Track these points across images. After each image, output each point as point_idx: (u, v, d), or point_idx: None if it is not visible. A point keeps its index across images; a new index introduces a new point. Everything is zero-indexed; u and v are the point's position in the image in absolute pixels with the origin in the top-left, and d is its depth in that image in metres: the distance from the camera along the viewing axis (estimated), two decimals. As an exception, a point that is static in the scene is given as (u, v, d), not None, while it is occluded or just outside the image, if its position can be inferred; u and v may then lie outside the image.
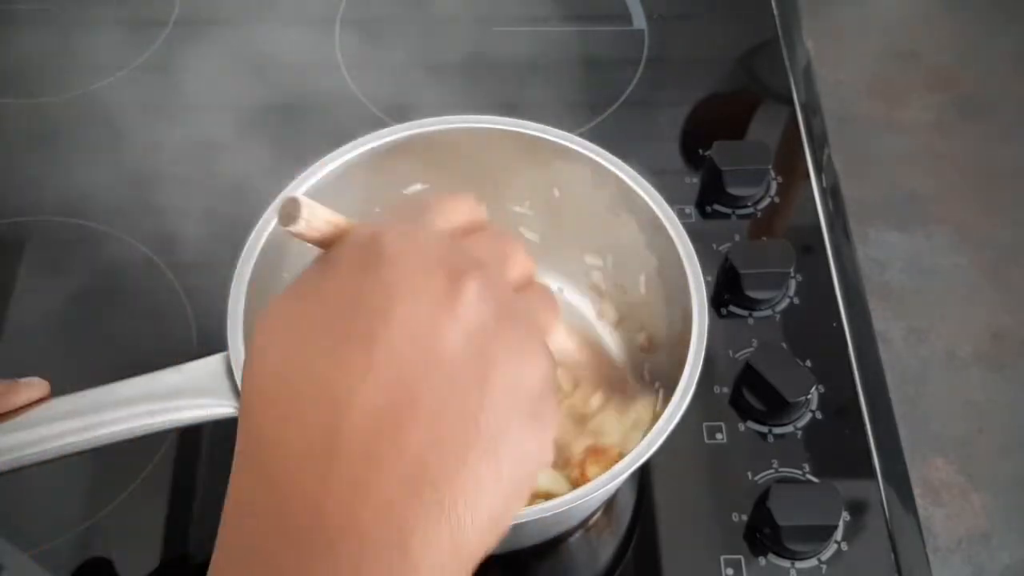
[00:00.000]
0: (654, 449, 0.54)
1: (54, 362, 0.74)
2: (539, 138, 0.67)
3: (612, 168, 0.65)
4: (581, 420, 0.65)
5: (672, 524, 0.66)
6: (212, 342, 0.59)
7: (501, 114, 0.67)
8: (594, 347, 0.68)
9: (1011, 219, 1.44)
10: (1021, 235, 1.43)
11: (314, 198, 0.64)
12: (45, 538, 0.66)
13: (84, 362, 0.74)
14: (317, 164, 0.65)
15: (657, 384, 0.66)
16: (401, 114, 0.69)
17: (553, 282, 0.75)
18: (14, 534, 0.66)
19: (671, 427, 0.55)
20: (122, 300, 0.77)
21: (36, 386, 0.53)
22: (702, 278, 0.61)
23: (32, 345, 0.75)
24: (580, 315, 0.73)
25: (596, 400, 0.65)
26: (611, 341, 0.72)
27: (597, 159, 0.66)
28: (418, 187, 0.70)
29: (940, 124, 1.52)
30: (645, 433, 0.55)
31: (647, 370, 0.68)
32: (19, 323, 0.76)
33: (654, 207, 0.64)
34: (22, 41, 0.93)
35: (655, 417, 0.56)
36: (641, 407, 0.64)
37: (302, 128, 0.86)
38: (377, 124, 0.69)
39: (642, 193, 0.64)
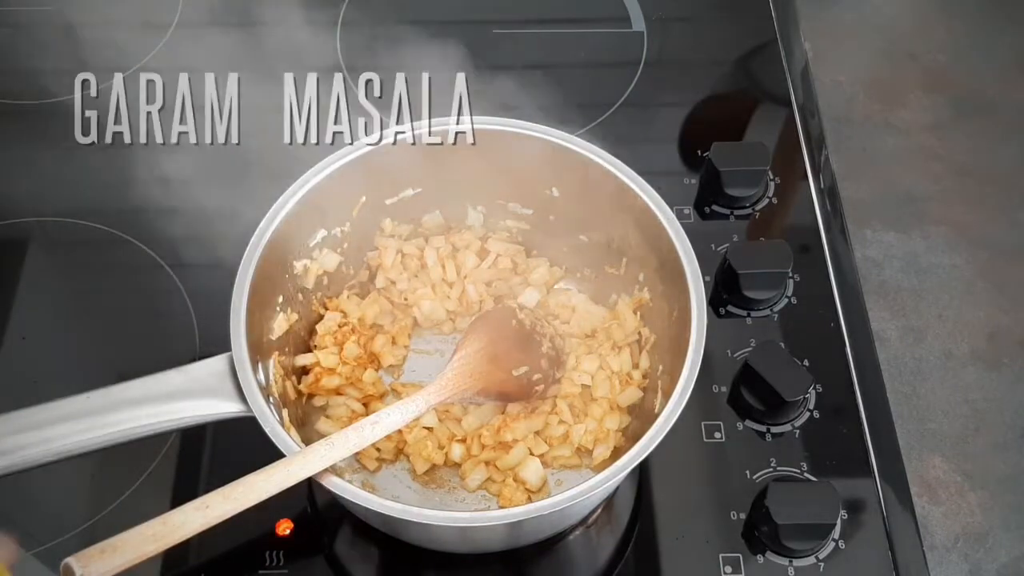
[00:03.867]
0: (653, 447, 0.55)
1: (58, 363, 0.75)
2: (538, 139, 0.67)
3: (611, 168, 0.66)
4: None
5: (671, 522, 0.67)
6: (215, 343, 0.60)
7: (501, 115, 0.68)
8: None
9: (1008, 219, 1.45)
10: (1018, 235, 1.43)
11: (317, 198, 0.66)
12: (48, 537, 0.66)
13: (88, 362, 0.74)
14: (319, 165, 0.66)
15: (658, 383, 0.67)
16: (402, 115, 0.69)
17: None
18: (17, 533, 0.66)
19: (670, 425, 0.55)
20: (125, 301, 0.77)
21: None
22: (701, 278, 0.61)
23: (36, 346, 0.75)
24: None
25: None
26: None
27: (596, 159, 0.66)
28: (409, 192, 0.71)
29: (937, 125, 1.53)
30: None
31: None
32: (23, 324, 0.76)
33: (653, 207, 0.64)
34: (24, 41, 0.93)
35: (654, 416, 0.57)
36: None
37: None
38: (378, 125, 0.69)
39: (641, 193, 0.65)
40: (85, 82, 0.90)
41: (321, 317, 0.71)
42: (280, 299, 0.67)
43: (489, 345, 0.67)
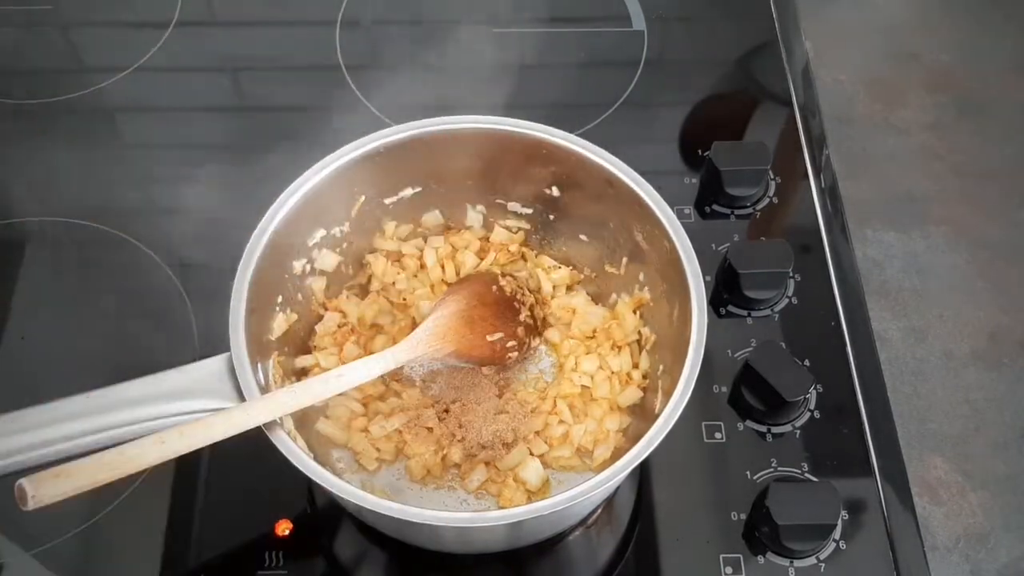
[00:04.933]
0: (653, 447, 0.55)
1: (58, 363, 0.74)
2: (538, 138, 0.67)
3: (611, 168, 0.65)
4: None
5: (671, 522, 0.67)
6: (214, 342, 0.59)
7: (501, 115, 0.68)
8: None
9: (1008, 219, 1.45)
10: (1018, 235, 1.43)
11: (316, 198, 0.65)
12: (47, 537, 0.66)
13: (88, 362, 0.74)
14: (319, 164, 0.66)
15: (658, 379, 0.67)
16: (403, 115, 0.69)
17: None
18: (16, 533, 0.66)
19: (670, 425, 0.55)
20: (125, 301, 0.77)
21: None
22: (701, 277, 0.61)
23: (36, 346, 0.75)
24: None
25: None
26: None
27: (596, 159, 0.66)
28: (408, 192, 0.71)
29: (938, 125, 1.52)
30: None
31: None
32: (22, 324, 0.76)
33: (653, 207, 0.64)
34: (23, 41, 0.93)
35: (654, 416, 0.57)
36: None
37: (303, 129, 0.86)
38: (377, 124, 0.69)
39: (641, 193, 0.64)
40: (88, 82, 0.90)
41: (320, 318, 0.71)
42: (279, 299, 0.66)
43: (466, 308, 0.68)
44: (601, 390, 0.68)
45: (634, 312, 0.70)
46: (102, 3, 0.96)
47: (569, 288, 0.74)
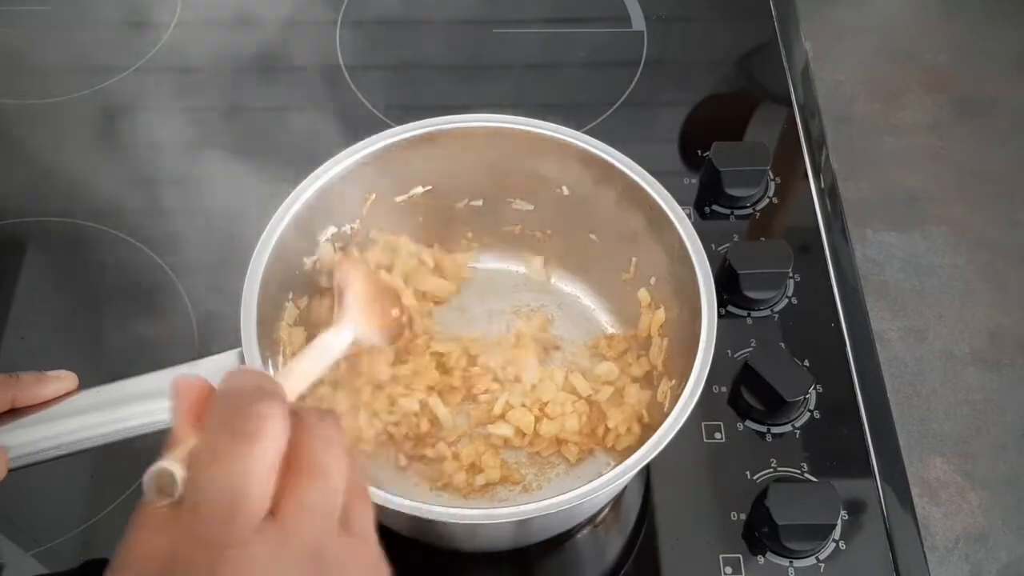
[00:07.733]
0: (662, 447, 0.55)
1: (56, 363, 0.74)
2: (547, 136, 0.67)
3: (619, 166, 0.65)
4: None
5: (671, 522, 0.67)
6: (213, 341, 0.60)
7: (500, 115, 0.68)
8: None
9: (1008, 219, 1.45)
10: (1018, 235, 1.43)
11: (327, 195, 0.65)
12: (47, 537, 0.66)
13: (86, 363, 0.74)
14: (323, 166, 0.65)
15: (667, 379, 0.66)
16: (403, 115, 0.69)
17: (553, 282, 0.75)
18: (16, 533, 0.66)
19: (679, 425, 0.55)
20: (125, 301, 0.77)
21: (65, 379, 0.54)
22: (712, 279, 0.61)
23: (35, 346, 0.75)
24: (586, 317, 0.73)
25: None
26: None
27: (605, 157, 0.66)
28: (419, 190, 0.71)
29: (937, 125, 1.53)
30: None
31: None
32: (21, 323, 0.76)
33: (662, 204, 0.64)
34: (23, 41, 0.93)
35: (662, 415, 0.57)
36: None
37: (304, 129, 0.86)
38: (379, 125, 0.69)
39: (650, 190, 0.64)
40: (88, 82, 0.90)
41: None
42: (290, 295, 0.66)
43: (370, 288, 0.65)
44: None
45: (644, 312, 0.69)
46: (102, 3, 0.96)
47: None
